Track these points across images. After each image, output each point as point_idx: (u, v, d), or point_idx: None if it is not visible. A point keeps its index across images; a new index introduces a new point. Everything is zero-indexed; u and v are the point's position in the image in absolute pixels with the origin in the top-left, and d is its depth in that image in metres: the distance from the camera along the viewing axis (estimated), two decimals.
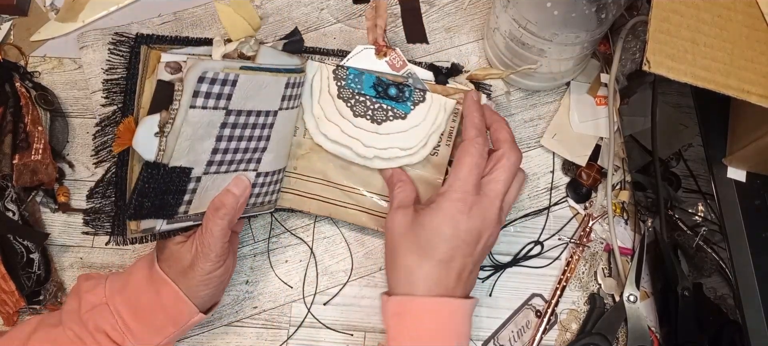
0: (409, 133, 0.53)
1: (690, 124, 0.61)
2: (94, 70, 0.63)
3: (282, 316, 0.59)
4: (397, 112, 0.52)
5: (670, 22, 0.45)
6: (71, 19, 0.66)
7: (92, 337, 0.47)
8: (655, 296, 0.58)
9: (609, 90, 0.61)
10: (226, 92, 0.46)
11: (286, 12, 0.67)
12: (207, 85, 0.45)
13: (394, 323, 0.46)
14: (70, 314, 0.49)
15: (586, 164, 0.62)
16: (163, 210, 0.47)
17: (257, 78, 0.49)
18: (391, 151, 0.52)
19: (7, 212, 0.56)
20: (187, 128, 0.45)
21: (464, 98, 0.52)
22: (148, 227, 0.48)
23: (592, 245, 0.60)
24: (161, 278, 0.49)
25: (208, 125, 0.47)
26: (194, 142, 0.46)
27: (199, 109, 0.45)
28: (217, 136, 0.48)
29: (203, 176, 0.48)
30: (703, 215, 0.59)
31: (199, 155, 0.47)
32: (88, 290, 0.49)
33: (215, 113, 0.47)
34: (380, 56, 0.58)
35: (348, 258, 0.60)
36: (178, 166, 0.46)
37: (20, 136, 0.57)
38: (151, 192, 0.46)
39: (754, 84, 0.44)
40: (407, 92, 0.52)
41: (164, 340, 0.49)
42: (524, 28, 0.54)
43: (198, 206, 0.49)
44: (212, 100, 0.46)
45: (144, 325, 0.48)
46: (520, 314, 0.59)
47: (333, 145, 0.54)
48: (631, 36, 0.62)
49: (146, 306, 0.49)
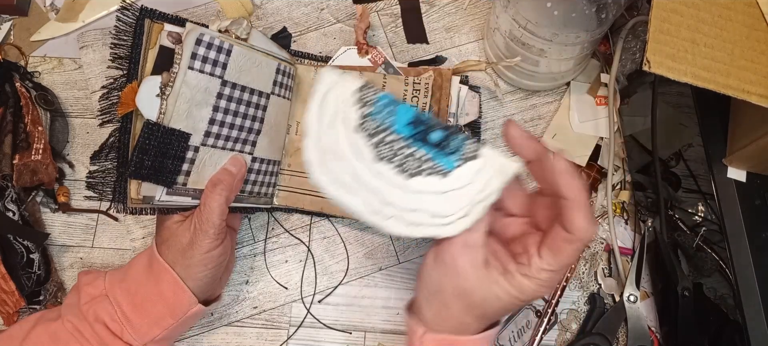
0: (448, 196, 0.39)
1: (690, 124, 0.61)
2: (94, 70, 0.63)
3: (282, 316, 0.59)
4: (437, 166, 0.39)
5: (670, 22, 0.45)
6: (71, 19, 0.66)
7: (91, 328, 0.48)
8: (655, 296, 0.58)
9: (609, 90, 0.61)
10: (221, 60, 0.50)
11: (286, 12, 0.67)
12: (204, 49, 0.49)
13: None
14: (70, 308, 0.49)
15: (586, 164, 0.62)
16: (162, 174, 0.49)
17: (251, 54, 0.52)
18: (417, 215, 0.39)
19: (7, 212, 0.56)
20: (186, 90, 0.49)
21: (556, 164, 0.37)
22: (148, 195, 0.49)
23: (592, 245, 0.60)
24: (160, 265, 0.49)
25: (205, 92, 0.50)
26: (192, 106, 0.49)
27: (197, 71, 0.49)
28: (214, 106, 0.51)
29: (201, 147, 0.51)
30: (703, 215, 0.59)
31: (197, 122, 0.50)
32: (87, 283, 0.50)
33: (211, 80, 0.50)
34: (362, 55, 0.59)
35: (348, 258, 0.60)
36: (177, 129, 0.49)
37: (20, 136, 0.57)
38: (150, 150, 0.47)
39: (754, 84, 0.44)
40: (456, 142, 0.38)
41: (163, 332, 0.49)
42: (524, 28, 0.54)
43: (196, 180, 0.51)
44: (208, 66, 0.50)
45: (142, 316, 0.48)
46: (520, 314, 0.59)
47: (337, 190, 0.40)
48: (631, 36, 0.62)
49: (145, 296, 0.49)
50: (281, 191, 0.58)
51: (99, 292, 0.49)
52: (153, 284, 0.49)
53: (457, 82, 0.59)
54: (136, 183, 0.49)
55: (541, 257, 0.37)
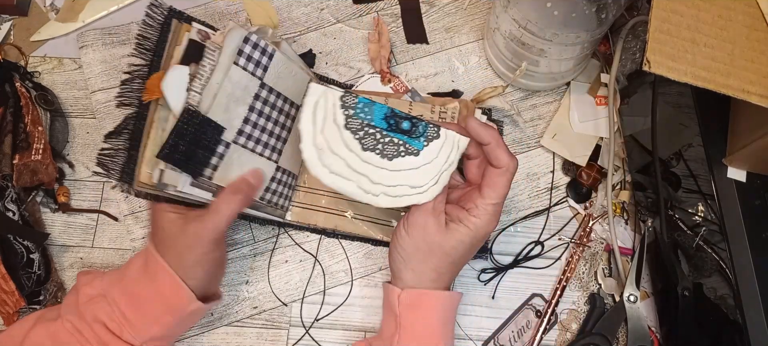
0: (421, 170, 0.49)
1: (690, 124, 0.61)
2: (93, 70, 0.63)
3: (282, 316, 0.59)
4: (410, 148, 0.48)
5: (670, 22, 0.45)
6: (71, 19, 0.66)
7: (90, 329, 0.48)
8: (655, 296, 0.58)
9: (609, 90, 0.61)
10: (263, 62, 0.52)
11: (286, 12, 0.67)
12: (250, 48, 0.51)
13: (407, 313, 0.49)
14: (69, 307, 0.49)
15: (586, 164, 0.62)
16: (192, 163, 0.49)
17: (288, 63, 0.54)
18: (400, 189, 0.49)
19: (7, 212, 0.56)
20: (228, 84, 0.50)
21: (467, 122, 0.49)
22: (170, 182, 0.49)
23: (592, 245, 0.60)
24: (157, 263, 0.49)
25: (244, 90, 0.52)
26: (230, 102, 0.51)
27: (241, 68, 0.51)
28: (250, 106, 0.52)
29: (232, 144, 0.52)
30: (703, 215, 0.59)
31: (232, 119, 0.51)
32: (86, 283, 0.50)
33: (252, 80, 0.52)
34: (385, 83, 0.63)
35: (348, 258, 0.60)
36: (214, 121, 0.50)
37: (20, 136, 0.57)
38: (187, 136, 0.49)
39: (754, 84, 0.44)
40: (421, 127, 0.48)
41: (162, 330, 0.49)
42: (524, 28, 0.54)
43: (222, 177, 0.52)
44: (252, 65, 0.51)
45: (141, 314, 0.48)
46: (520, 314, 0.59)
47: (334, 178, 0.49)
48: (631, 36, 0.62)
49: (143, 295, 0.49)
50: (295, 206, 0.59)
51: (97, 292, 0.49)
52: (150, 283, 0.49)
53: (479, 113, 0.61)
54: (148, 167, 0.49)
55: (484, 196, 0.48)
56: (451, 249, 0.48)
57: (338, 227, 0.59)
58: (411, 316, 0.49)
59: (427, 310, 0.49)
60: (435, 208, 0.48)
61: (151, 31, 0.52)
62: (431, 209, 0.48)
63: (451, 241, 0.48)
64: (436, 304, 0.49)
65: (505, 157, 0.48)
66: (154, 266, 0.49)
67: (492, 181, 0.48)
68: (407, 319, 0.49)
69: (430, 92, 0.65)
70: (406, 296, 0.49)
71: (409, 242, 0.49)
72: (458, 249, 0.49)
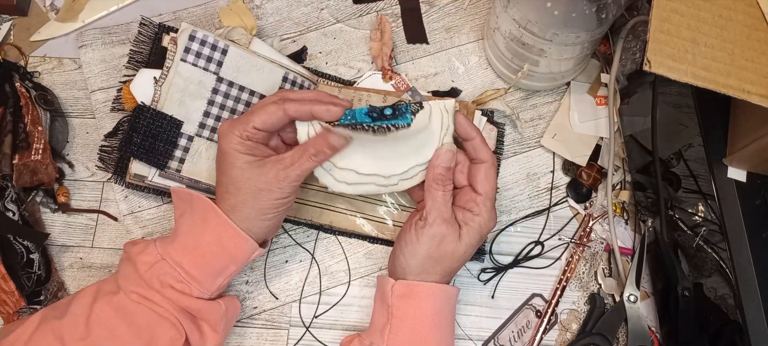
0: (421, 140, 0.51)
1: (690, 124, 0.61)
2: (93, 70, 0.63)
3: (282, 316, 0.59)
4: (400, 125, 0.49)
5: (670, 22, 0.45)
6: (71, 19, 0.66)
7: (160, 294, 0.48)
8: (655, 296, 0.58)
9: (609, 90, 0.61)
10: (216, 57, 0.56)
11: (286, 12, 0.67)
12: (197, 45, 0.55)
13: (400, 303, 0.50)
14: (128, 279, 0.48)
15: (586, 164, 0.62)
16: (154, 155, 0.55)
17: (250, 57, 0.57)
18: (411, 171, 0.51)
19: (7, 212, 0.56)
20: (179, 80, 0.55)
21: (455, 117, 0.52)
22: (140, 173, 0.56)
23: (592, 245, 0.60)
24: (218, 217, 0.49)
25: (199, 85, 0.56)
26: (185, 96, 0.55)
27: (190, 64, 0.55)
28: (209, 100, 0.56)
29: (196, 137, 0.56)
30: (703, 215, 0.59)
31: (190, 113, 0.56)
32: (139, 252, 0.49)
33: (205, 74, 0.56)
34: (386, 80, 0.63)
35: (347, 259, 0.60)
36: (169, 115, 0.55)
37: (20, 136, 0.57)
38: (140, 129, 0.54)
39: (754, 84, 0.44)
40: (403, 107, 0.49)
41: (228, 280, 0.51)
42: (524, 28, 0.54)
43: (191, 170, 0.55)
44: (202, 61, 0.55)
45: (206, 269, 0.49)
46: (520, 314, 0.59)
47: (355, 187, 0.52)
48: (631, 36, 0.62)
49: (205, 251, 0.49)
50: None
51: (154, 258, 0.49)
52: (212, 237, 0.49)
53: (479, 115, 0.61)
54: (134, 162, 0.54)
55: (480, 192, 0.50)
56: (461, 254, 0.50)
57: (334, 223, 0.59)
58: (403, 306, 0.49)
59: (420, 300, 0.49)
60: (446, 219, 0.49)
61: (143, 46, 0.60)
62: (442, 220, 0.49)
63: (462, 246, 0.50)
64: (430, 294, 0.50)
65: (488, 152, 0.51)
66: (215, 220, 0.49)
67: (484, 175, 0.50)
68: (399, 309, 0.49)
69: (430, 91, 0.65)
70: (399, 286, 0.50)
71: (421, 249, 0.49)
72: (467, 252, 0.50)
